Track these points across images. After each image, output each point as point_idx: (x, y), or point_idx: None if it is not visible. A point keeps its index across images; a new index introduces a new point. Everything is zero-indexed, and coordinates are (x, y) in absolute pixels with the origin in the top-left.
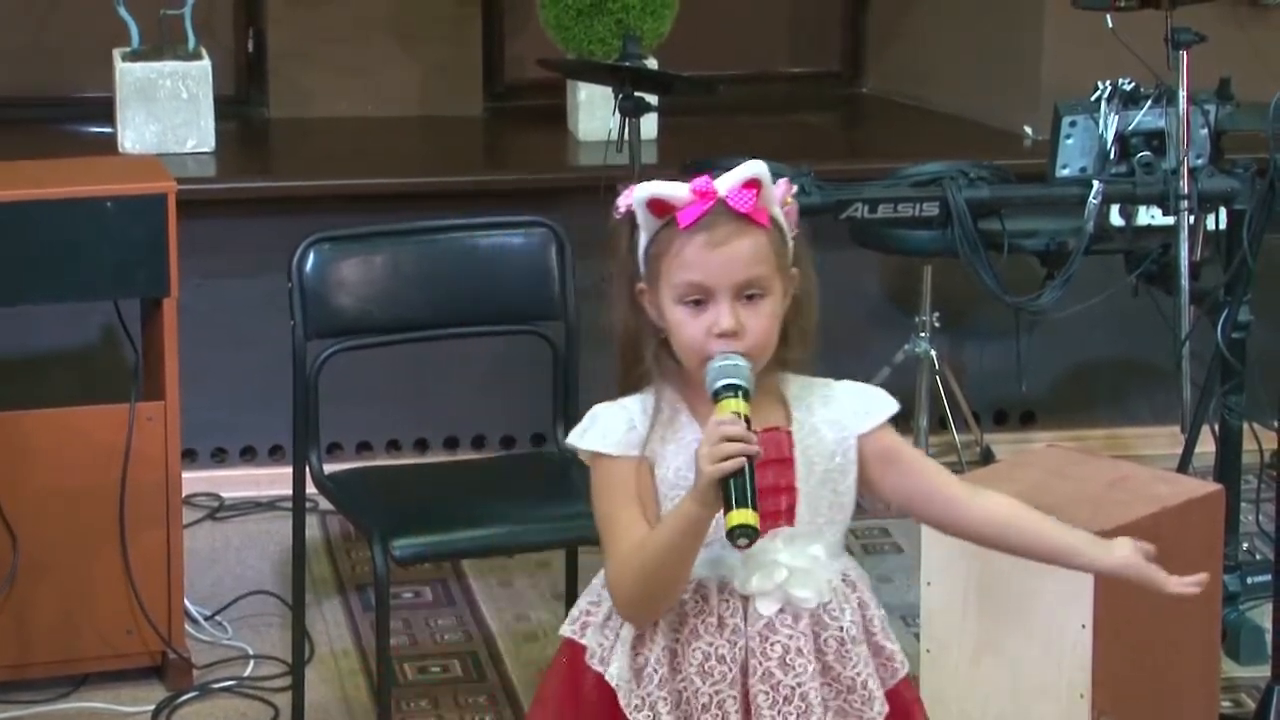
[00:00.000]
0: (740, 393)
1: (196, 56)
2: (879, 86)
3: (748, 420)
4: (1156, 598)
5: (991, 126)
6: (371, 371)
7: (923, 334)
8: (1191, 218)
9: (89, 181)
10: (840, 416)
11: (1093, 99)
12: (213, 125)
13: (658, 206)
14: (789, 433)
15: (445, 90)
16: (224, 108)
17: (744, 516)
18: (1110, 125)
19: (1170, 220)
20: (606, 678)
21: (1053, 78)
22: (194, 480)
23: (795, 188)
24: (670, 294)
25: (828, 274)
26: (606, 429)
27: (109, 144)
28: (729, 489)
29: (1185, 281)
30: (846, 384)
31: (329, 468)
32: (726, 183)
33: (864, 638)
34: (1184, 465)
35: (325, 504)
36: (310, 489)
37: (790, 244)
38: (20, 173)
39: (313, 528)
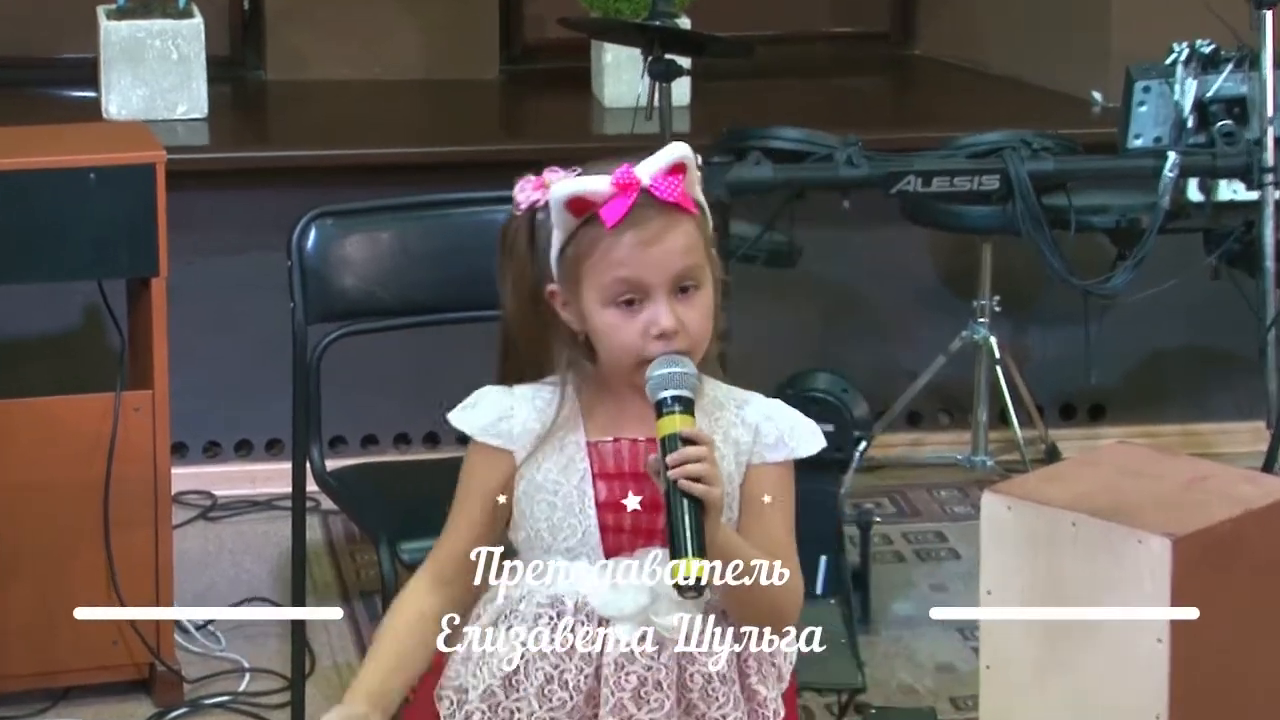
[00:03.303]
0: (686, 406)
1: (188, 14)
2: (932, 48)
3: (683, 439)
4: (1238, 608)
5: (1056, 92)
6: (378, 358)
7: (981, 320)
8: (1278, 192)
9: (70, 150)
10: (746, 437)
11: (1168, 62)
12: (205, 89)
13: (577, 205)
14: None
15: (458, 52)
16: (217, 70)
17: (694, 569)
18: (1187, 91)
19: (1254, 195)
20: (435, 690)
21: (1124, 39)
22: (184, 477)
23: (699, 158)
24: (597, 296)
25: (877, 254)
26: (480, 413)
27: (92, 109)
28: (677, 530)
29: (1270, 263)
30: (771, 404)
31: (331, 464)
32: (649, 170)
33: (736, 678)
34: (1270, 464)
35: (327, 503)
36: (311, 486)
37: (711, 225)
38: None
39: (313, 529)
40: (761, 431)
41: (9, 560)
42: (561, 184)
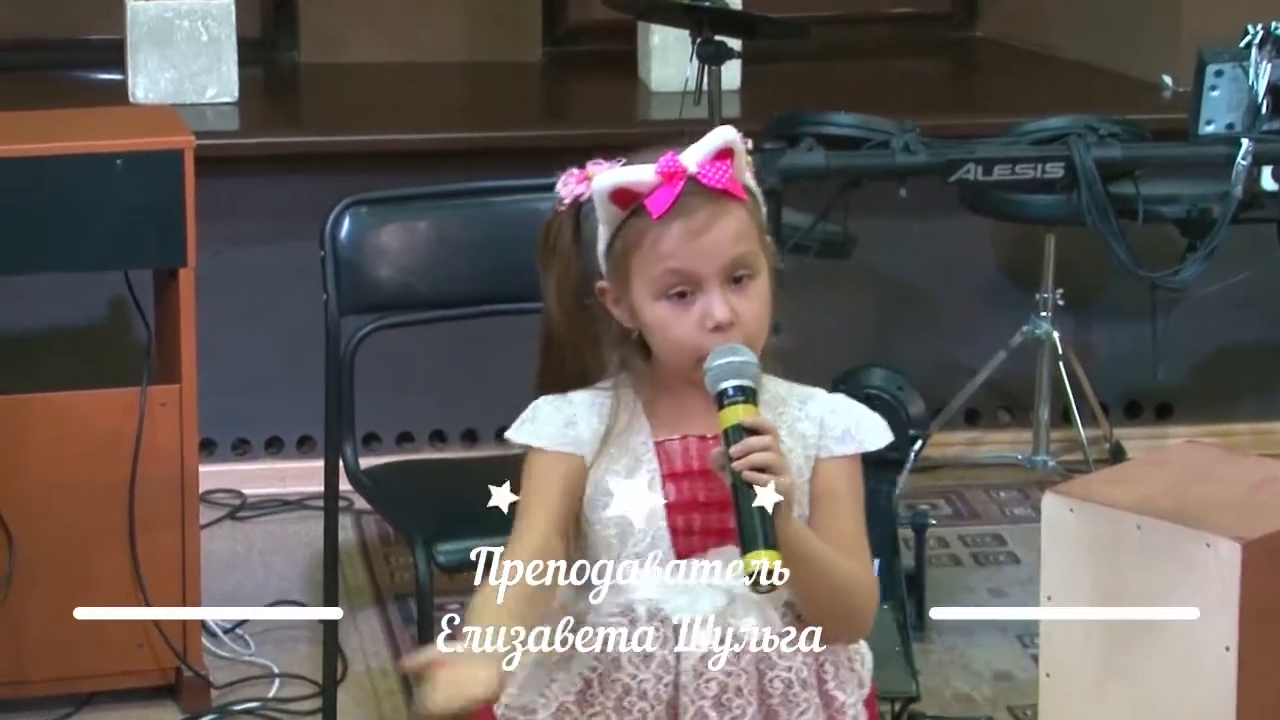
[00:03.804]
0: (748, 395)
1: None
2: (994, 29)
3: (746, 430)
4: None
5: (1124, 75)
6: (414, 353)
7: (1044, 313)
8: None
9: (95, 135)
10: (812, 431)
11: (1242, 45)
12: (235, 72)
13: (621, 196)
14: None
15: (499, 33)
16: (248, 52)
17: (767, 557)
18: (1262, 75)
19: None
20: (496, 709)
21: (1196, 20)
22: (212, 474)
23: (749, 142)
24: (647, 290)
25: (935, 245)
26: (544, 424)
27: (119, 92)
28: (748, 521)
29: None
30: (834, 398)
31: (365, 462)
32: (695, 156)
33: (815, 683)
34: None
35: (361, 502)
36: (344, 485)
37: (764, 212)
38: (19, 125)
39: (346, 529)
40: (827, 425)
41: (30, 561)
42: (604, 175)
